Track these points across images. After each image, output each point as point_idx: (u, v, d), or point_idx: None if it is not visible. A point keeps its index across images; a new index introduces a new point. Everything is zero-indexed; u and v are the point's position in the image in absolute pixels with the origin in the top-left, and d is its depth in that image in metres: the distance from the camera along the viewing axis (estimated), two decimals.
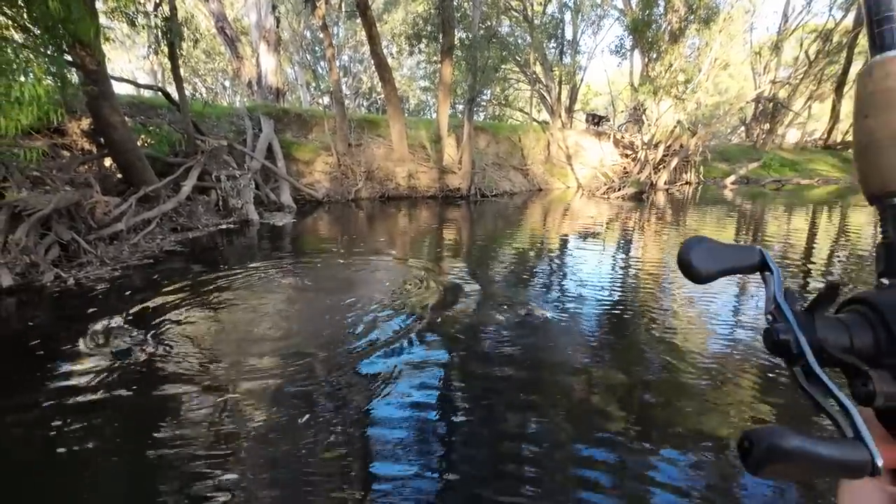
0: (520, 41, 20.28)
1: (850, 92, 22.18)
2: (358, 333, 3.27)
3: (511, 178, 14.59)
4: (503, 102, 24.40)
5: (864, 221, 9.50)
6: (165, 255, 5.48)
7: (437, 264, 5.34)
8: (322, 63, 26.30)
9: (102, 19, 7.93)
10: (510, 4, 18.35)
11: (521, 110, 24.75)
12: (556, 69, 19.60)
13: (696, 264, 0.34)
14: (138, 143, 7.31)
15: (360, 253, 5.92)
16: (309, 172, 11.31)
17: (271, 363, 2.85)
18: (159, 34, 7.22)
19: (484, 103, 25.18)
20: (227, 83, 34.84)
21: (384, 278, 4.76)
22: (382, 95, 14.23)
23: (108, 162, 7.31)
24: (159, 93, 9.18)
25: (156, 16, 7.30)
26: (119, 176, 7.01)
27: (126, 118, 7.33)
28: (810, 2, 22.23)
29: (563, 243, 7.01)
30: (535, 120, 19.66)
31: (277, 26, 16.19)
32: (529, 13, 18.15)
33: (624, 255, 6.41)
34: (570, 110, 21.61)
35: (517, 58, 19.19)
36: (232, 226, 7.40)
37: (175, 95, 8.07)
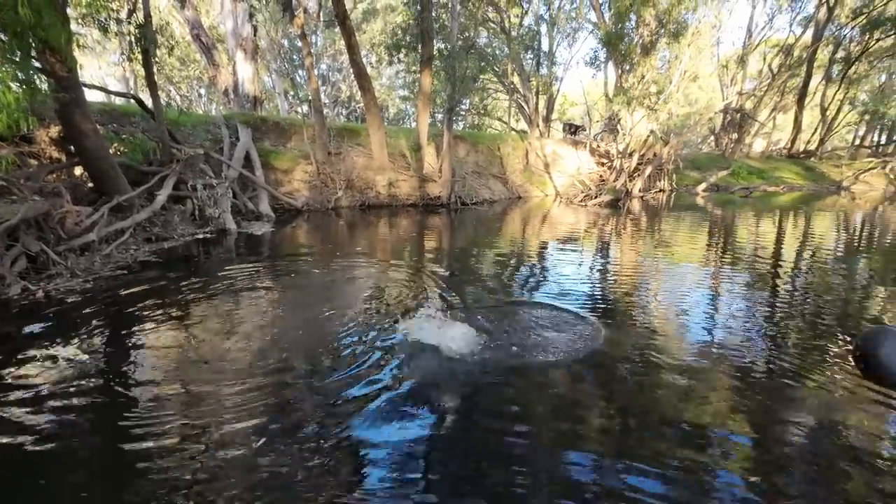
0: (498, 52, 20.66)
1: (811, 103, 23.35)
2: (334, 349, 3.24)
3: (490, 187, 14.76)
4: (482, 112, 24.72)
5: (826, 226, 9.98)
6: (139, 266, 5.34)
7: (417, 272, 5.37)
8: (301, 72, 26.15)
9: (73, 25, 7.78)
10: (488, 16, 18.70)
11: (499, 120, 25.13)
12: (533, 80, 20.00)
13: (886, 360, 0.26)
14: (111, 152, 7.14)
15: (340, 262, 5.90)
16: (288, 181, 11.21)
17: (242, 380, 2.82)
18: (133, 41, 7.09)
19: (463, 113, 25.45)
20: (202, 91, 34.29)
21: (363, 287, 4.76)
22: (362, 104, 14.25)
23: (79, 171, 7.11)
24: (132, 100, 8.99)
25: (129, 22, 7.17)
26: (91, 185, 6.82)
27: (98, 126, 7.17)
28: (772, 18, 23.41)
29: (543, 249, 7.13)
30: (513, 129, 20.00)
31: (255, 34, 16.07)
32: (507, 25, 18.52)
33: (603, 260, 6.57)
34: (547, 120, 22.03)
35: (495, 68, 19.53)
36: (208, 235, 7.26)
37: (149, 103, 7.91)
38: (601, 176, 17.04)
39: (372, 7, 26.52)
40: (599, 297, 4.63)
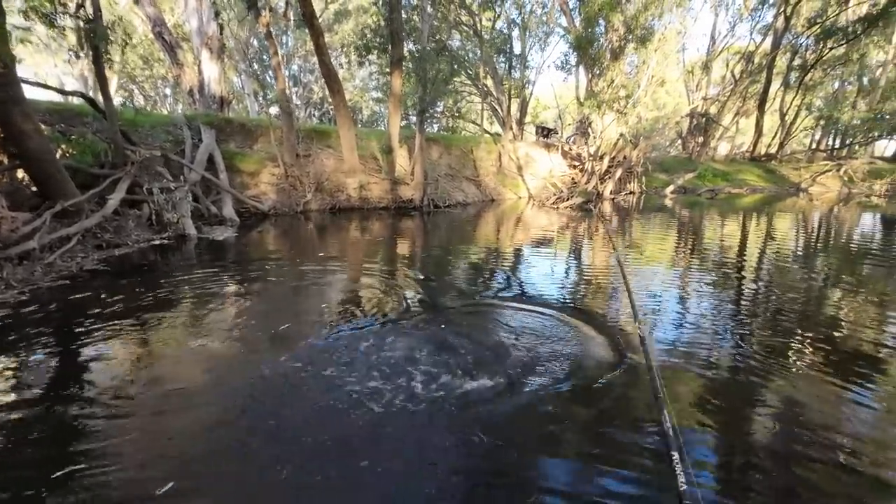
0: (471, 55, 20.70)
1: (771, 108, 24.32)
2: (280, 373, 3.04)
3: (464, 189, 14.71)
4: (456, 115, 24.73)
5: (787, 226, 10.33)
6: (86, 275, 5.00)
7: (389, 278, 5.21)
8: (270, 72, 25.59)
9: (17, 19, 7.29)
10: (461, 19, 18.71)
11: (473, 122, 25.18)
12: (506, 83, 20.11)
13: None
14: (58, 154, 6.71)
15: (306, 268, 5.68)
16: (254, 184, 10.85)
17: (192, 400, 2.62)
18: (82, 36, 6.69)
19: (438, 115, 25.43)
20: (168, 91, 33.16)
21: (328, 296, 4.58)
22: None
23: (21, 173, 6.64)
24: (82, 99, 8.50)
25: (78, 17, 6.76)
26: (34, 189, 6.37)
27: (45, 126, 6.73)
28: (734, 26, 24.29)
29: (518, 252, 7.08)
30: (487, 132, 20.03)
31: (221, 33, 15.56)
32: (479, 28, 18.56)
33: (575, 261, 6.57)
34: (521, 123, 22.20)
35: (468, 71, 19.55)
36: (166, 241, 6.90)
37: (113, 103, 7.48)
38: (573, 178, 17.24)
39: (344, 8, 26.18)
40: (569, 297, 4.59)
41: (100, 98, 7.89)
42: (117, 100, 26.76)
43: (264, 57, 25.60)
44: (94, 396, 2.57)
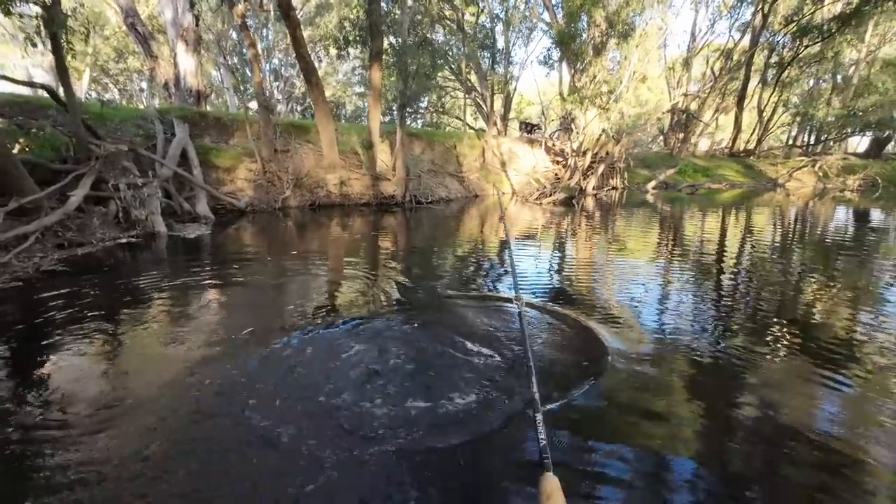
0: (455, 49, 20.55)
1: (749, 105, 24.73)
2: (242, 382, 2.89)
3: (447, 185, 14.58)
4: (440, 110, 24.56)
5: (764, 221, 10.47)
6: (42, 277, 4.73)
7: (370, 276, 5.07)
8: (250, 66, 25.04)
9: None
10: (444, 13, 18.52)
11: (457, 118, 25.06)
12: (489, 78, 20.01)
13: None
14: (15, 149, 6.38)
15: (282, 267, 5.50)
16: (230, 180, 10.54)
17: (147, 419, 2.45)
18: (40, 24, 6.34)
19: (422, 111, 25.22)
20: (144, 85, 32.23)
21: (303, 297, 4.42)
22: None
23: None
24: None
25: (36, 3, 6.42)
26: None
27: (0, 119, 6.38)
28: (713, 23, 24.63)
29: (502, 248, 6.99)
30: (471, 127, 19.93)
31: (197, 24, 15.10)
32: (462, 22, 18.41)
33: (559, 255, 6.51)
34: (505, 118, 22.16)
35: (451, 66, 19.39)
36: (134, 240, 6.62)
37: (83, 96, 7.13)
38: (556, 174, 17.27)
39: (325, 1, 25.69)
40: (557, 289, 4.51)
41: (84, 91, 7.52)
42: (91, 94, 25.88)
43: (244, 50, 25.00)
44: (24, 415, 2.39)
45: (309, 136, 12.32)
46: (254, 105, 12.02)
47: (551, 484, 1.04)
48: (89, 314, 3.68)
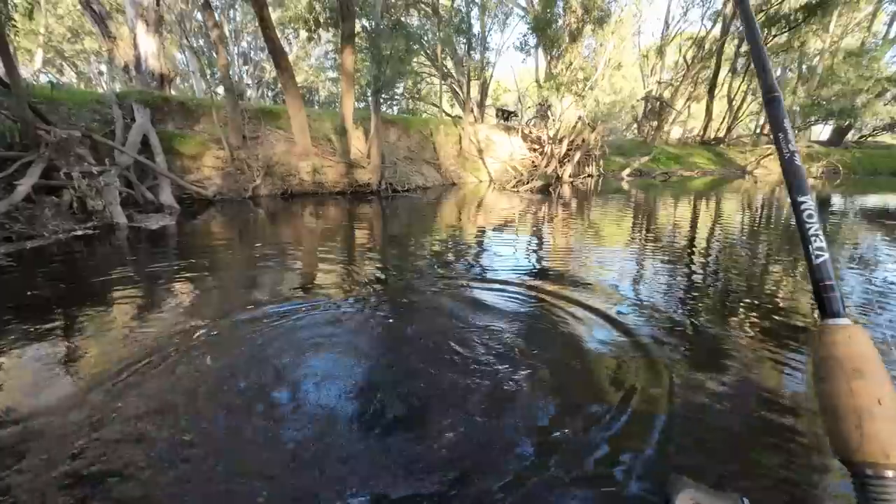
0: (430, 34, 20.14)
1: (720, 93, 25.24)
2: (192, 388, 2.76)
3: (423, 173, 14.39)
4: (416, 96, 24.17)
5: (733, 209, 10.73)
6: None
7: (344, 268, 4.92)
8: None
9: None
10: None
11: (433, 104, 24.74)
12: (466, 64, 19.75)
13: None
14: None
15: (247, 256, 5.29)
16: (196, 168, 10.11)
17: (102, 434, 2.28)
18: None
19: (397, 97, 24.78)
20: (103, 68, 30.57)
21: (265, 288, 4.24)
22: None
23: None
24: None
25: None
26: None
27: None
28: (686, 11, 24.89)
29: (480, 236, 6.92)
30: (447, 114, 19.69)
31: (157, 4, 14.31)
32: (437, 5, 18.03)
33: (537, 242, 6.48)
34: (481, 105, 21.98)
35: (427, 51, 19.02)
36: (91, 231, 6.25)
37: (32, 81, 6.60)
38: (533, 161, 17.27)
39: None
40: (535, 274, 4.47)
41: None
42: (44, 76, 24.35)
43: (209, 32, 23.95)
44: None
45: (279, 122, 11.91)
46: (221, 90, 11.50)
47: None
48: (36, 312, 3.43)
